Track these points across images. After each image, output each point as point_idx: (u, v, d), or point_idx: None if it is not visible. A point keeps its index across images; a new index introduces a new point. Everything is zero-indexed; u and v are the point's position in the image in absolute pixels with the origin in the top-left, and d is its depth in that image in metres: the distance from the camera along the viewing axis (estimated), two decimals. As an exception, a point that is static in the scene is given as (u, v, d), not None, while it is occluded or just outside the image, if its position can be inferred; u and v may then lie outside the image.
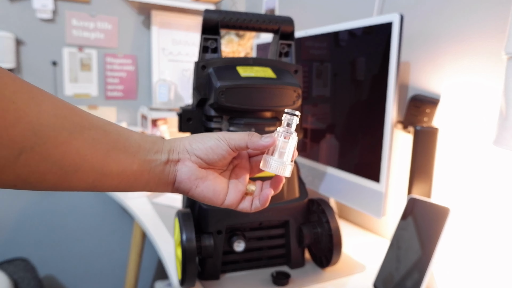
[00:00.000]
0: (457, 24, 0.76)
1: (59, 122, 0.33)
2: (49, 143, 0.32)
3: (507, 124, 0.53)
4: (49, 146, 0.32)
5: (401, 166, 0.89)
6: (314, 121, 0.94)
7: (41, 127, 0.32)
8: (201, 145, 0.42)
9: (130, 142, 0.39)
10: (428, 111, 0.79)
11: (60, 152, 0.33)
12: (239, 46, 1.69)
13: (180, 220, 0.67)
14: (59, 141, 0.33)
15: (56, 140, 0.33)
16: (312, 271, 0.75)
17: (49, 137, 0.32)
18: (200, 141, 0.43)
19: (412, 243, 0.65)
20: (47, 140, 0.32)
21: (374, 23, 0.74)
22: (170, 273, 0.73)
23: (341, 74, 0.85)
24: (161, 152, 0.41)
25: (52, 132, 0.32)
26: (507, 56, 0.53)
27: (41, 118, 0.32)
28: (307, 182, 0.96)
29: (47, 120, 0.32)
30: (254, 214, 0.69)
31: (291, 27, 0.76)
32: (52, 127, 0.33)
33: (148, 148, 0.41)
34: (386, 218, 0.95)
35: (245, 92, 0.65)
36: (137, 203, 1.16)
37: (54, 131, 0.33)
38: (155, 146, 0.41)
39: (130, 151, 0.39)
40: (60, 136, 0.33)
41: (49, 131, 0.32)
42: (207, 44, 0.72)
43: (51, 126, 0.32)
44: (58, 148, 0.33)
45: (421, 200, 0.67)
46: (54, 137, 0.33)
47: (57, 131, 0.33)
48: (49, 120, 0.32)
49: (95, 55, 1.61)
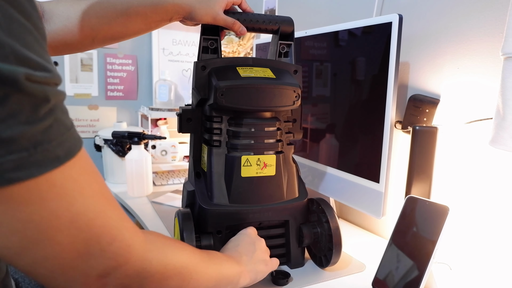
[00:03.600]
0: (456, 25, 0.76)
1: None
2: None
3: (505, 124, 0.53)
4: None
5: (401, 166, 0.89)
6: (313, 121, 0.94)
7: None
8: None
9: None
10: (428, 111, 0.79)
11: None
12: (239, 46, 1.69)
13: (180, 220, 0.67)
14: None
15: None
16: (312, 270, 0.75)
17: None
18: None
19: (411, 242, 0.65)
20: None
21: (374, 23, 0.75)
22: (170, 273, 0.73)
23: (341, 74, 0.85)
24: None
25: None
26: (504, 56, 0.53)
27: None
28: (307, 182, 0.96)
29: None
30: (254, 214, 0.69)
31: (291, 27, 0.76)
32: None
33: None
34: (386, 218, 0.95)
35: (245, 92, 0.65)
36: (137, 203, 1.16)
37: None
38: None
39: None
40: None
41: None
42: (207, 44, 0.72)
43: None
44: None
45: (420, 199, 0.68)
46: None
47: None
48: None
49: (95, 55, 1.62)
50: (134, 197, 1.21)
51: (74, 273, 0.32)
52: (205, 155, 0.72)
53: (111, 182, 1.41)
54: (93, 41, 0.65)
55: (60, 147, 0.30)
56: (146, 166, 1.21)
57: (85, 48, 0.66)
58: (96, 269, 0.33)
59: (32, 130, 0.27)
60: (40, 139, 0.28)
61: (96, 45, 0.67)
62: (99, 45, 0.67)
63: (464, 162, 0.75)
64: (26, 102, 0.27)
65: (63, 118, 0.31)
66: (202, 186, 0.71)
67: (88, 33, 0.63)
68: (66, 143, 0.31)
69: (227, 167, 0.69)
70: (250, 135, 0.68)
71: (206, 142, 0.72)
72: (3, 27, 0.26)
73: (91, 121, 1.63)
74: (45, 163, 0.29)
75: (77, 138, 0.32)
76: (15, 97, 0.26)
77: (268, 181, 0.70)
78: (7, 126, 0.26)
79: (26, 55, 0.27)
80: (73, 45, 0.63)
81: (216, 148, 0.69)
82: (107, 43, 0.67)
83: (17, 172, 0.27)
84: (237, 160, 0.68)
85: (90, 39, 0.64)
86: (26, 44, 0.27)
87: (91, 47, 0.67)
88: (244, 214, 0.69)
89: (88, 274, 0.33)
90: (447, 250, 0.78)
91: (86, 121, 1.62)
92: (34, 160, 0.28)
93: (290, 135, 0.75)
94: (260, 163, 0.69)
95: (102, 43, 0.66)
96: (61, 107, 0.31)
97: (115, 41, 0.68)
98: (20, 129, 0.27)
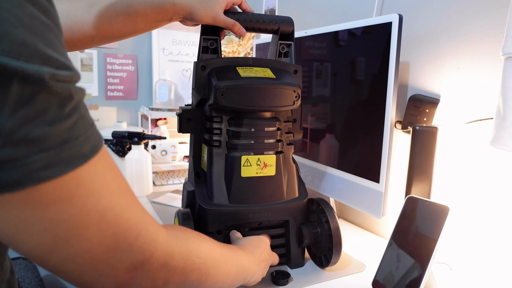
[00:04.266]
0: (457, 25, 0.76)
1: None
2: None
3: (505, 124, 0.53)
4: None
5: (401, 166, 0.89)
6: (313, 121, 0.94)
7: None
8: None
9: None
10: (428, 111, 0.79)
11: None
12: (239, 46, 1.69)
13: (180, 220, 0.67)
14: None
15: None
16: (312, 270, 0.75)
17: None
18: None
19: (411, 242, 0.65)
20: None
21: (374, 23, 0.75)
22: (170, 273, 0.73)
23: (341, 74, 0.85)
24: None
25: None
26: (504, 56, 0.53)
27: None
28: (307, 182, 0.96)
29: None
30: (254, 214, 0.69)
31: (291, 27, 0.76)
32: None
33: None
34: (386, 218, 0.95)
35: (245, 92, 0.65)
36: (138, 203, 1.16)
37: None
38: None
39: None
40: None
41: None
42: (207, 44, 0.72)
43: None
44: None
45: (420, 199, 0.68)
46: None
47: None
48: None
49: (95, 55, 1.62)
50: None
51: (103, 268, 0.33)
52: (205, 155, 0.72)
53: (111, 182, 1.41)
54: (93, 40, 0.65)
55: (86, 143, 0.30)
56: (146, 166, 1.21)
57: (84, 47, 0.67)
58: (124, 263, 0.34)
59: (59, 128, 0.28)
60: (67, 136, 0.28)
61: (96, 44, 0.67)
62: (98, 43, 0.67)
63: (464, 162, 0.75)
64: (53, 100, 0.27)
65: (86, 114, 0.31)
66: (202, 186, 0.71)
67: (88, 31, 0.63)
68: (91, 139, 0.31)
69: (227, 167, 0.69)
70: (250, 135, 0.68)
71: (206, 142, 0.72)
72: (26, 25, 0.26)
73: (91, 121, 1.63)
74: (73, 160, 0.29)
75: (99, 134, 0.33)
76: (42, 96, 0.26)
77: (268, 181, 0.70)
78: (35, 125, 0.26)
79: (49, 55, 0.27)
80: (72, 43, 0.63)
81: (216, 148, 0.69)
82: (107, 41, 0.67)
83: (46, 171, 0.27)
84: (237, 160, 0.68)
85: (90, 38, 0.64)
86: (48, 43, 0.27)
87: (90, 46, 0.67)
88: (244, 214, 0.69)
89: (117, 268, 0.34)
90: (447, 250, 0.78)
91: (86, 121, 1.62)
92: (62, 157, 0.28)
93: (290, 135, 0.75)
94: (260, 163, 0.69)
95: (101, 42, 0.67)
96: (84, 104, 0.31)
97: (115, 40, 0.68)
98: (48, 128, 0.27)
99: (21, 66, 0.25)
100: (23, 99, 0.25)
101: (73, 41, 0.63)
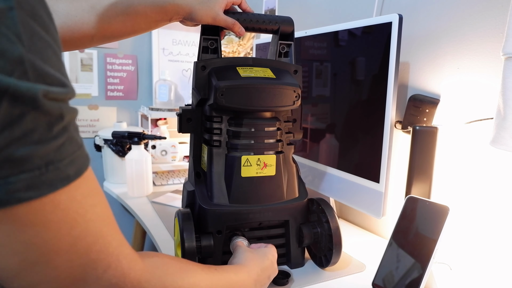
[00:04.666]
0: (457, 25, 0.76)
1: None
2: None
3: (505, 124, 0.53)
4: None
5: (401, 166, 0.89)
6: (313, 121, 0.94)
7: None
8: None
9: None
10: (428, 111, 0.79)
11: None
12: (239, 46, 1.69)
13: (180, 220, 0.67)
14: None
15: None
16: (312, 270, 0.75)
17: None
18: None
19: (411, 242, 0.65)
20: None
21: (374, 23, 0.75)
22: (170, 273, 0.73)
23: (341, 74, 0.85)
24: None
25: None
26: (504, 56, 0.53)
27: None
28: (307, 182, 0.96)
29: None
30: (254, 214, 0.69)
31: (291, 27, 0.76)
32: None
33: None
34: (386, 218, 0.95)
35: (245, 92, 0.65)
36: (137, 203, 1.16)
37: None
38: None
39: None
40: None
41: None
42: (207, 44, 0.72)
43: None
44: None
45: (420, 199, 0.68)
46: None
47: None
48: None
49: (95, 55, 1.62)
50: (134, 197, 1.21)
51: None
52: (205, 155, 0.72)
53: (111, 182, 1.41)
54: (92, 39, 0.65)
55: (71, 166, 0.29)
56: (146, 166, 1.21)
57: (84, 46, 0.66)
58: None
59: (45, 149, 0.27)
60: (52, 157, 0.28)
61: (95, 43, 0.67)
62: (97, 43, 0.67)
63: (464, 162, 0.75)
64: (42, 120, 0.27)
65: (75, 135, 0.30)
66: (202, 186, 0.71)
67: (88, 31, 0.63)
68: (77, 161, 0.30)
69: (227, 167, 0.69)
70: (250, 135, 0.68)
71: (206, 142, 0.72)
72: (25, 42, 0.25)
73: (91, 121, 1.63)
74: (55, 182, 0.28)
75: (86, 156, 0.32)
76: (31, 116, 0.26)
77: (268, 181, 0.70)
78: (20, 145, 0.26)
79: (45, 71, 0.27)
80: (71, 42, 0.63)
81: (216, 148, 0.69)
82: (106, 41, 0.67)
83: (27, 192, 0.26)
84: (237, 160, 0.68)
85: (89, 37, 0.64)
86: (46, 59, 0.27)
87: (89, 45, 0.67)
88: (244, 214, 0.69)
89: None
90: (447, 250, 0.78)
91: (86, 121, 1.62)
92: (45, 179, 0.27)
93: (290, 135, 0.75)
94: (260, 163, 0.69)
95: (101, 41, 0.66)
96: (74, 125, 0.31)
97: (114, 40, 0.68)
98: (34, 148, 0.26)
99: (13, 83, 0.24)
100: (11, 118, 0.25)
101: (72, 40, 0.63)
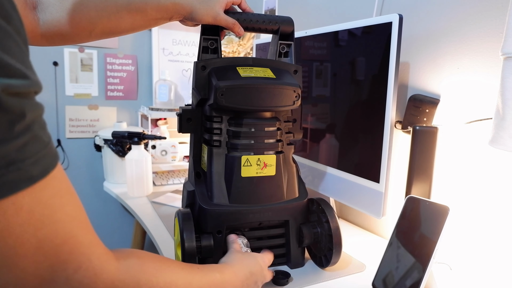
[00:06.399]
0: (457, 25, 0.76)
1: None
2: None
3: (504, 124, 0.53)
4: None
5: (401, 166, 0.89)
6: (313, 121, 0.94)
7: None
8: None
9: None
10: (428, 111, 0.79)
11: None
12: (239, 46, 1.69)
13: (180, 220, 0.67)
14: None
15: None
16: (312, 270, 0.75)
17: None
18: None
19: (412, 243, 0.65)
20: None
21: (374, 23, 0.75)
22: (170, 273, 0.73)
23: (341, 74, 0.85)
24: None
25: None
26: (503, 56, 0.53)
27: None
28: (307, 182, 0.96)
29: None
30: (254, 214, 0.69)
31: (291, 27, 0.76)
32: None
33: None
34: (386, 218, 0.95)
35: (245, 92, 0.65)
36: (137, 203, 1.16)
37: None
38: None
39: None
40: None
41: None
42: (207, 44, 0.72)
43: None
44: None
45: (420, 199, 0.68)
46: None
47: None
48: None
49: (95, 55, 1.62)
50: (134, 197, 1.21)
51: None
52: (205, 155, 0.72)
53: (111, 182, 1.41)
54: (90, 34, 0.64)
55: (36, 166, 0.28)
56: (146, 166, 1.21)
57: (81, 41, 0.66)
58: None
59: (6, 149, 0.26)
60: (13, 157, 0.26)
61: (93, 38, 0.66)
62: (95, 38, 0.66)
63: (464, 162, 0.75)
64: (1, 118, 0.25)
65: (40, 134, 0.29)
66: (202, 186, 0.71)
67: (86, 26, 0.62)
68: (42, 160, 0.29)
69: (227, 167, 0.69)
70: (250, 135, 0.68)
71: (206, 142, 0.72)
72: None
73: (91, 121, 1.63)
74: (18, 183, 0.27)
75: (54, 154, 0.30)
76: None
77: (268, 181, 0.70)
78: None
79: (5, 62, 0.25)
80: (69, 36, 0.63)
81: (216, 148, 0.69)
82: (104, 37, 0.67)
83: None
84: (237, 160, 0.68)
85: (87, 32, 0.63)
86: (5, 50, 0.26)
87: (87, 40, 0.66)
88: (244, 214, 0.69)
89: None
90: (447, 250, 0.78)
91: (86, 121, 1.62)
92: (6, 180, 0.26)
93: (290, 135, 0.75)
94: (260, 163, 0.69)
95: (99, 37, 0.66)
96: (40, 122, 0.29)
97: (112, 36, 0.67)
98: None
99: None
100: None
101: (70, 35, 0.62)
